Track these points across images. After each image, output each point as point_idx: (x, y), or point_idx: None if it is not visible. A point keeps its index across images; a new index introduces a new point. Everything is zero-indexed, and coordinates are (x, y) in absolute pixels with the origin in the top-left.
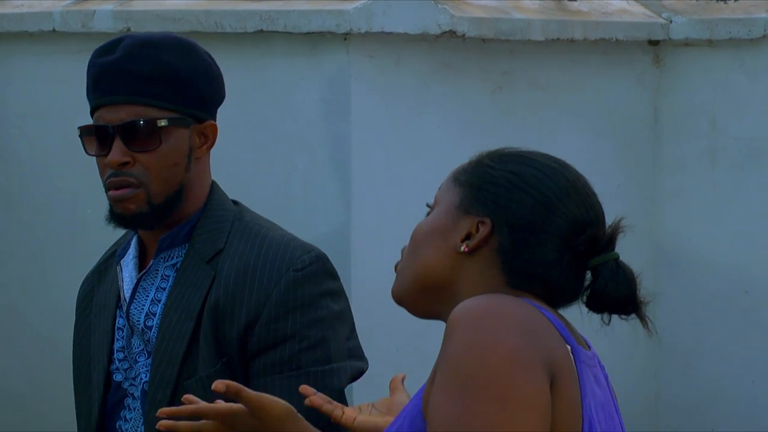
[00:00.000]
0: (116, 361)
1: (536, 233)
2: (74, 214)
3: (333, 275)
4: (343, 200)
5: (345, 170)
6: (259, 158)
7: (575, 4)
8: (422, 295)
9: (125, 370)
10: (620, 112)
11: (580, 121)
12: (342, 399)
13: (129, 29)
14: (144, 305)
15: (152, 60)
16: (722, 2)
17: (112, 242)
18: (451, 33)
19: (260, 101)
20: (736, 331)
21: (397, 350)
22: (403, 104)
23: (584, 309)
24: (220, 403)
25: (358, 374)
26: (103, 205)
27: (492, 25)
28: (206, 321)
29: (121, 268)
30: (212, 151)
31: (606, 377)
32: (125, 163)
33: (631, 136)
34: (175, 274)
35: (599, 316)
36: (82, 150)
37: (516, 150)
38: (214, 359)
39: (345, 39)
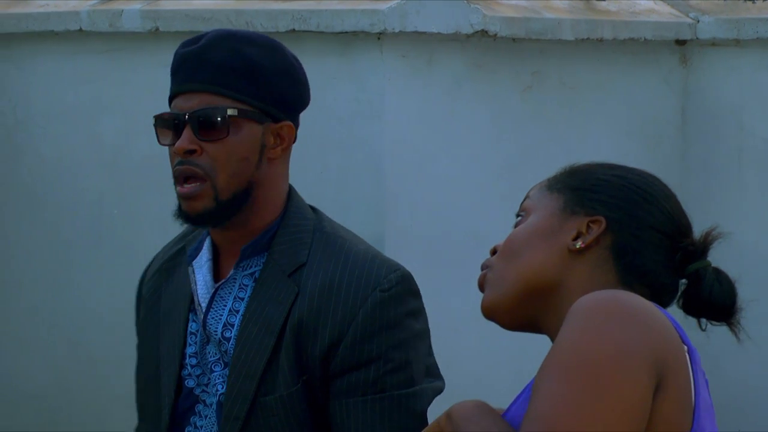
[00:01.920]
0: (188, 367)
1: (650, 231)
2: (99, 215)
3: (416, 294)
4: (376, 200)
5: (378, 170)
6: (292, 158)
7: (603, 3)
8: (524, 300)
9: (197, 377)
10: (648, 112)
11: (608, 120)
12: (424, 422)
13: (157, 29)
14: (222, 315)
15: (231, 50)
16: (750, 2)
17: (138, 242)
18: (483, 32)
19: None
20: (763, 331)
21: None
22: (435, 104)
23: None
24: None
25: (437, 394)
26: (128, 205)
27: (523, 25)
28: (288, 338)
29: (194, 270)
30: None
31: (707, 381)
32: (192, 152)
33: (659, 136)
34: (253, 284)
35: None
36: (107, 150)
37: (603, 162)
38: (295, 378)
39: (378, 38)
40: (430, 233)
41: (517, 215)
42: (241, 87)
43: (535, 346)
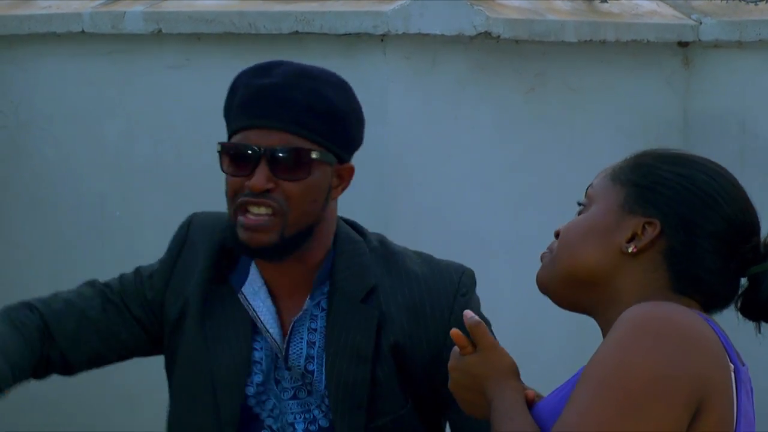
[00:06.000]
0: (256, 394)
1: (707, 238)
2: (102, 216)
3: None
4: (379, 201)
5: (381, 171)
6: None
7: (606, 5)
8: (572, 288)
9: (263, 403)
10: (650, 113)
11: (610, 122)
12: None
13: (160, 31)
14: (301, 348)
15: (313, 92)
16: (752, 4)
17: (140, 244)
18: (486, 34)
19: None
20: None
21: None
22: (439, 105)
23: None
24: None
25: None
26: (130, 206)
27: (526, 27)
28: (387, 362)
29: (246, 297)
30: None
31: (752, 390)
32: (268, 189)
33: (661, 137)
34: (323, 314)
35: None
36: (109, 151)
37: (676, 152)
38: (402, 399)
39: (382, 40)
40: (433, 234)
41: (580, 203)
42: (320, 130)
43: (540, 348)
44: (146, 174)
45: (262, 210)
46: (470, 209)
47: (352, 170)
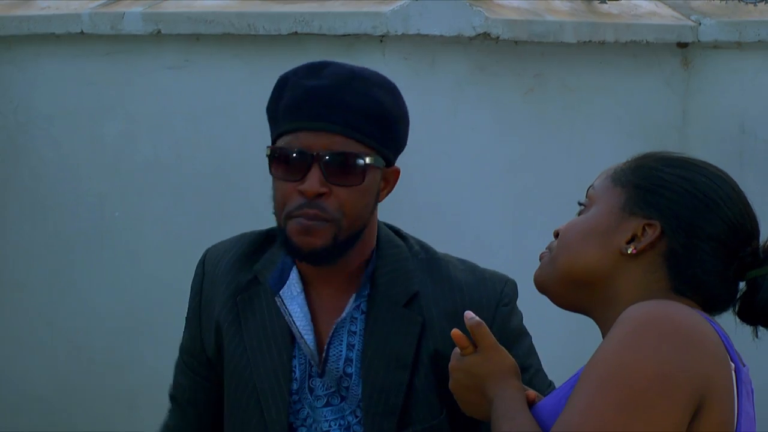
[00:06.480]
0: (290, 404)
1: (706, 240)
2: (101, 217)
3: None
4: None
5: None
6: None
7: (605, 6)
8: (570, 288)
9: (297, 412)
10: (649, 114)
11: (610, 123)
12: None
13: (159, 31)
14: (341, 351)
15: (364, 94)
16: (751, 4)
17: (139, 244)
18: (486, 35)
19: None
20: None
21: None
22: (438, 106)
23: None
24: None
25: None
26: (129, 207)
27: (525, 27)
28: (425, 370)
29: (283, 302)
30: (247, 154)
31: (752, 391)
32: (321, 194)
33: (660, 138)
34: (362, 317)
35: None
36: (109, 152)
37: (677, 155)
38: (437, 408)
39: (381, 41)
40: (432, 235)
41: (580, 204)
42: (372, 133)
43: (539, 348)
44: (146, 174)
45: (314, 220)
46: (470, 209)
47: (398, 173)
